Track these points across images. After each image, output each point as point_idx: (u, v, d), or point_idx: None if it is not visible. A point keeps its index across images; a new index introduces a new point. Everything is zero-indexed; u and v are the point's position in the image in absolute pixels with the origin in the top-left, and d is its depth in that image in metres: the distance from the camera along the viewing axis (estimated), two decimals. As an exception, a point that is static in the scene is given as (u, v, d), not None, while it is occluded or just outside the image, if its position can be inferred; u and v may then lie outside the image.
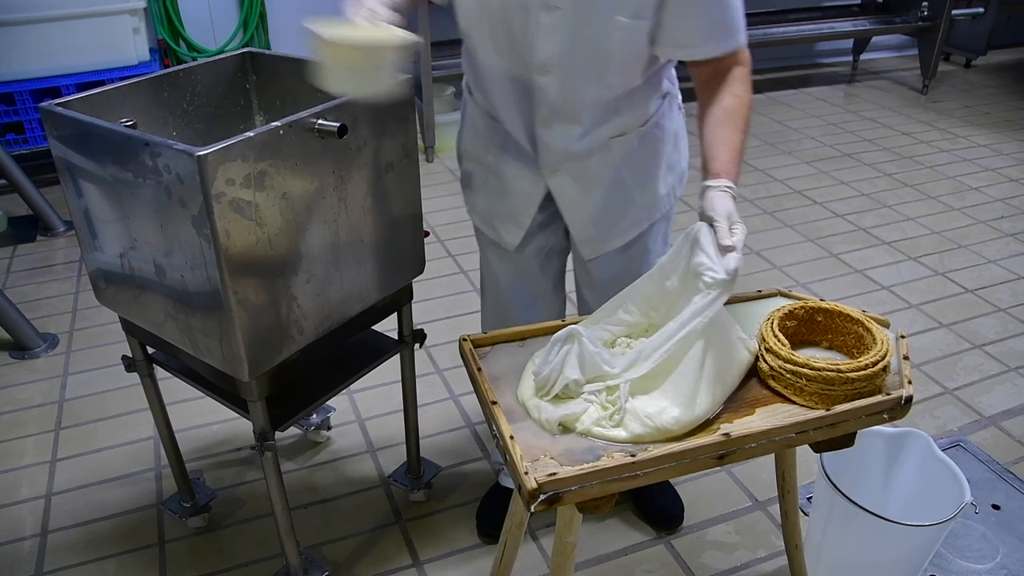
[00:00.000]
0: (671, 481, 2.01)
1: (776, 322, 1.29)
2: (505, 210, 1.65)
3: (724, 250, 1.20)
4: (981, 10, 4.96)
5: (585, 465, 1.08)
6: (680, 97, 1.63)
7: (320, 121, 1.30)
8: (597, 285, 1.71)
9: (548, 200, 1.61)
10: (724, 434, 1.13)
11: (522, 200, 1.62)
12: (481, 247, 1.80)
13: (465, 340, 1.34)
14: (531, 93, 1.46)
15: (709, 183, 1.29)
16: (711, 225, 1.23)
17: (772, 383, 1.26)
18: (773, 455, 1.50)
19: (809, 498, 1.98)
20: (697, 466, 1.14)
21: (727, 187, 1.27)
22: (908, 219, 3.50)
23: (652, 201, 1.63)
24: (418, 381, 1.89)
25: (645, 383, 1.21)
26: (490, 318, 1.87)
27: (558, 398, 1.20)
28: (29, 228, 3.43)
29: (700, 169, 1.34)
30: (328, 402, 2.05)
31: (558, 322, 1.40)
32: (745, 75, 1.39)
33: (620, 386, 1.19)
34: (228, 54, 1.68)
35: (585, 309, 1.78)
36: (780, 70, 5.47)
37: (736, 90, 1.37)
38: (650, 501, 1.98)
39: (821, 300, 1.36)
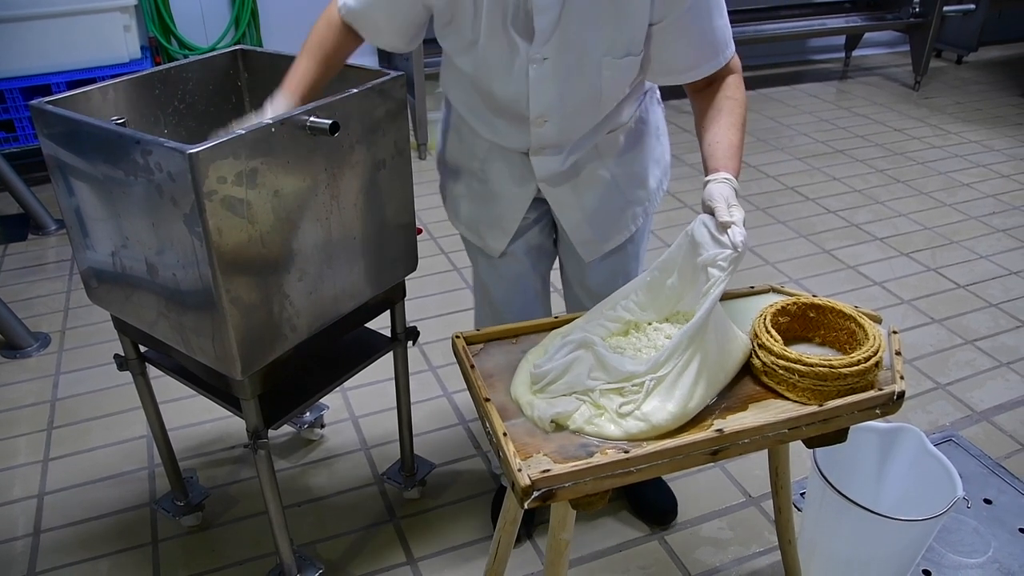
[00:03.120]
0: (663, 476, 2.02)
1: (769, 318, 1.30)
2: (490, 216, 1.64)
3: (724, 226, 1.22)
4: (972, 6, 4.97)
5: (578, 462, 1.08)
6: (659, 91, 1.64)
7: (312, 119, 1.30)
8: (593, 284, 1.71)
9: (534, 204, 1.62)
10: (717, 430, 1.14)
11: (509, 205, 1.61)
12: (470, 254, 1.80)
13: (458, 337, 1.34)
14: (526, 134, 1.48)
15: (708, 178, 1.30)
16: (711, 213, 1.24)
17: (765, 379, 1.26)
18: (766, 451, 1.50)
19: (802, 494, 1.99)
20: (690, 462, 1.15)
21: (725, 178, 1.28)
22: (900, 215, 3.51)
23: (644, 196, 1.64)
24: (411, 379, 1.89)
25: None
26: (485, 324, 1.87)
27: (551, 396, 1.20)
28: (20, 227, 3.41)
29: (701, 172, 1.35)
30: (321, 400, 2.04)
31: (551, 319, 1.40)
32: (738, 80, 1.40)
33: (645, 382, 1.18)
34: (220, 51, 1.68)
35: (576, 306, 1.78)
36: (772, 67, 5.48)
37: (730, 93, 1.38)
38: (643, 497, 1.98)
39: (813, 296, 1.37)
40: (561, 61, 1.33)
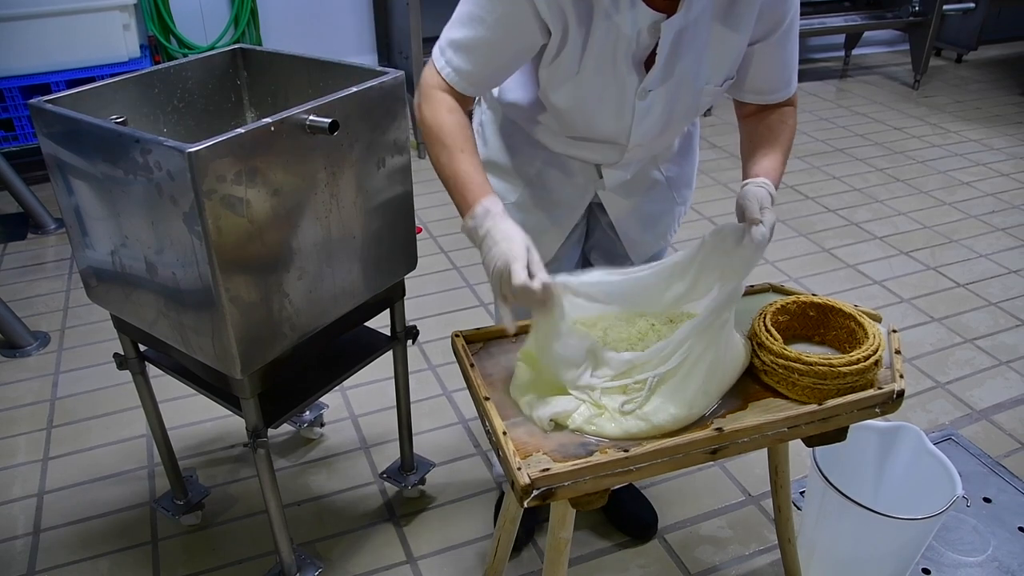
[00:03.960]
0: (638, 487, 2.01)
1: (768, 317, 1.30)
2: (544, 222, 1.58)
3: (751, 223, 1.22)
4: (972, 5, 4.97)
5: (578, 460, 1.08)
6: None
7: (311, 117, 1.30)
8: None
9: (588, 210, 1.61)
10: (716, 429, 1.14)
11: (566, 211, 1.57)
12: None
13: (458, 336, 1.34)
14: (612, 155, 1.46)
15: (747, 181, 1.30)
16: (742, 215, 1.24)
17: (764, 378, 1.26)
18: (766, 450, 1.50)
19: (802, 492, 1.99)
20: (690, 461, 1.15)
21: (764, 183, 1.28)
22: (900, 214, 3.51)
23: (688, 196, 1.67)
24: (411, 377, 1.89)
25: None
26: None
27: (549, 393, 1.20)
28: (19, 226, 3.41)
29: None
30: (321, 399, 2.04)
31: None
32: (793, 113, 1.42)
33: (648, 380, 1.18)
34: (219, 50, 1.67)
35: None
36: (772, 65, 5.48)
37: (786, 118, 1.40)
38: (623, 510, 1.95)
39: (813, 295, 1.37)
40: (667, 93, 1.32)
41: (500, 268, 1.14)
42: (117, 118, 1.48)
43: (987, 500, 2.02)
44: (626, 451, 1.09)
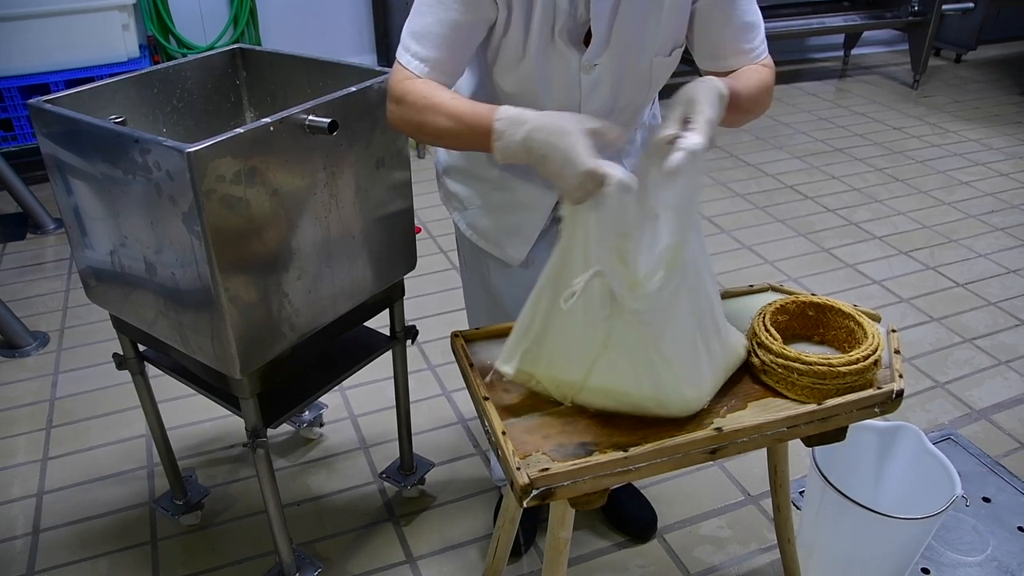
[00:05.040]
0: (637, 487, 2.01)
1: (768, 317, 1.30)
2: (512, 225, 1.57)
3: (665, 141, 1.08)
4: (971, 5, 4.97)
5: (577, 460, 1.08)
6: None
7: (311, 117, 1.30)
8: None
9: (555, 209, 1.59)
10: (716, 429, 1.14)
11: (534, 212, 1.55)
12: (475, 263, 1.69)
13: (457, 336, 1.34)
14: None
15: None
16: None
17: (764, 378, 1.26)
18: (765, 449, 1.50)
19: (801, 492, 1.99)
20: (689, 461, 1.15)
21: (708, 79, 1.15)
22: (899, 214, 3.51)
23: None
24: (410, 377, 1.89)
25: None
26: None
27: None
28: (19, 226, 3.41)
29: None
30: (320, 399, 2.05)
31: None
32: (770, 75, 1.35)
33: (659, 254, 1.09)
34: (218, 50, 1.68)
35: None
36: (771, 65, 5.48)
37: (762, 72, 1.33)
38: (623, 509, 1.95)
39: (812, 295, 1.37)
40: (612, 66, 1.31)
41: (578, 175, 1.03)
42: (116, 118, 1.48)
43: (986, 500, 2.02)
44: (625, 451, 1.09)
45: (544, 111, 1.11)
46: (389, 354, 1.79)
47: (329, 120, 1.29)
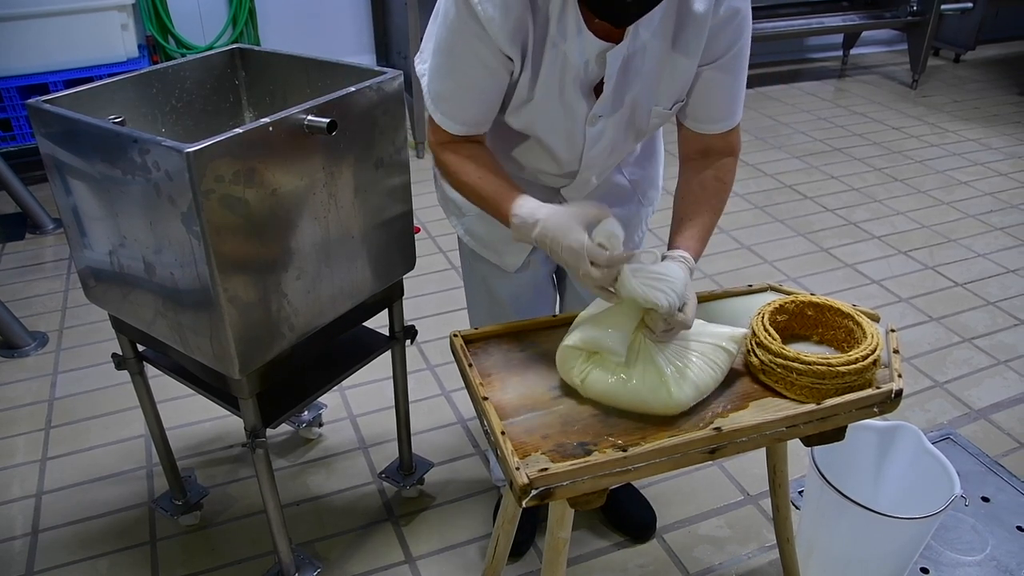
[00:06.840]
0: (637, 487, 2.01)
1: (767, 316, 1.30)
2: (508, 233, 1.52)
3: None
4: (970, 5, 4.97)
5: (576, 460, 1.08)
6: None
7: (310, 117, 1.30)
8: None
9: None
10: (715, 428, 1.14)
11: None
12: (473, 264, 1.70)
13: (456, 336, 1.34)
14: (566, 180, 1.48)
15: (667, 253, 1.32)
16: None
17: (763, 377, 1.26)
18: (764, 449, 1.50)
19: (800, 492, 1.99)
20: (688, 460, 1.15)
21: (683, 257, 1.29)
22: (898, 213, 3.51)
23: (655, 196, 1.67)
24: (409, 377, 1.89)
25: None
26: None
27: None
28: (18, 226, 3.40)
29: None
30: (319, 399, 2.05)
31: (549, 316, 1.41)
32: (733, 165, 1.42)
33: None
34: (217, 50, 1.67)
35: (575, 303, 1.75)
36: (770, 65, 5.48)
37: (723, 175, 1.40)
38: (622, 509, 1.95)
39: (811, 294, 1.37)
40: (616, 118, 1.34)
41: (573, 250, 1.19)
42: (115, 118, 1.48)
43: (985, 499, 2.02)
44: (624, 451, 1.09)
45: (553, 209, 1.23)
46: (388, 354, 1.79)
47: (328, 120, 1.29)
